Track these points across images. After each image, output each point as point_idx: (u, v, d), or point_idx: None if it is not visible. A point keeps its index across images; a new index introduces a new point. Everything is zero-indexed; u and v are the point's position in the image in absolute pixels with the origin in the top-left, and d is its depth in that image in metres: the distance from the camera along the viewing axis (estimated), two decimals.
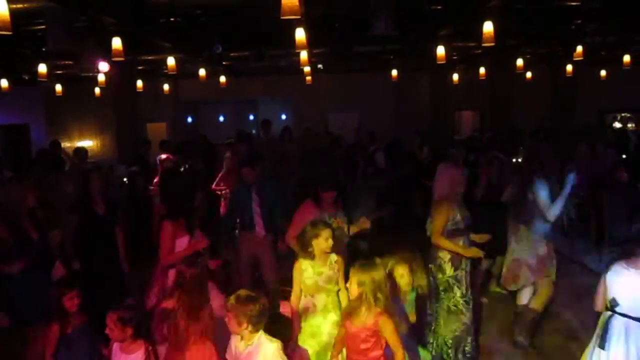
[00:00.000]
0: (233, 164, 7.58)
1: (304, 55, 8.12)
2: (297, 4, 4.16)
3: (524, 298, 5.22)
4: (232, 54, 9.59)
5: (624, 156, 9.18)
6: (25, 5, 5.42)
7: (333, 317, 3.88)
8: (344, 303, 3.82)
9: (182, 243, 4.54)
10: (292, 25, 5.92)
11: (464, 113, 16.01)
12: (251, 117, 18.40)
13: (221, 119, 18.30)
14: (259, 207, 5.79)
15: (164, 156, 8.80)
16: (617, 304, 3.43)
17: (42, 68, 8.57)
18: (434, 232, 4.41)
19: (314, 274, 3.87)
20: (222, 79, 11.93)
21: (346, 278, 3.62)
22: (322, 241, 3.83)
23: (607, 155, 8.56)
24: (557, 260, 5.24)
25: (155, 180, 8.21)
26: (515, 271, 5.16)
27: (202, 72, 10.39)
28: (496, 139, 8.02)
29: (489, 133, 10.58)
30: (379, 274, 3.30)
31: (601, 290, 3.58)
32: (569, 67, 11.16)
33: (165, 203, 5.40)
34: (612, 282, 3.46)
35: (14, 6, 4.63)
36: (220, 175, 8.04)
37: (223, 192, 7.83)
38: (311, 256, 3.87)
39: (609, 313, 3.49)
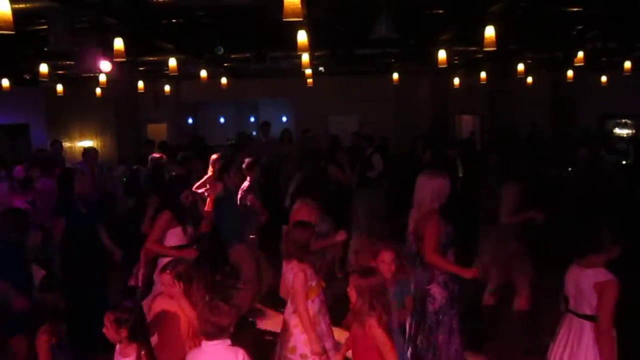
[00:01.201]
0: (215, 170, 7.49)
1: (305, 57, 8.13)
2: (299, 6, 4.17)
3: (486, 298, 5.30)
4: (233, 56, 9.60)
5: (624, 162, 9.20)
6: (27, 5, 5.41)
7: None
8: None
9: (176, 233, 4.62)
10: (293, 28, 5.94)
11: (464, 117, 16.02)
12: (252, 119, 18.41)
13: (222, 120, 18.32)
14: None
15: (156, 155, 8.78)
16: (567, 301, 3.50)
17: (44, 68, 8.57)
18: (428, 249, 3.97)
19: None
20: (223, 80, 11.95)
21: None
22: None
23: (607, 163, 8.58)
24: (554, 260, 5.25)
25: None
26: (489, 269, 5.20)
27: (203, 73, 10.40)
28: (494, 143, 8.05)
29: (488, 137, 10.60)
30: (376, 281, 3.29)
31: None
32: (570, 73, 11.18)
33: (157, 194, 5.41)
34: (565, 280, 3.53)
35: (16, 6, 4.63)
36: (206, 177, 7.93)
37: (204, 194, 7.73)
38: (309, 259, 3.88)
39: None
